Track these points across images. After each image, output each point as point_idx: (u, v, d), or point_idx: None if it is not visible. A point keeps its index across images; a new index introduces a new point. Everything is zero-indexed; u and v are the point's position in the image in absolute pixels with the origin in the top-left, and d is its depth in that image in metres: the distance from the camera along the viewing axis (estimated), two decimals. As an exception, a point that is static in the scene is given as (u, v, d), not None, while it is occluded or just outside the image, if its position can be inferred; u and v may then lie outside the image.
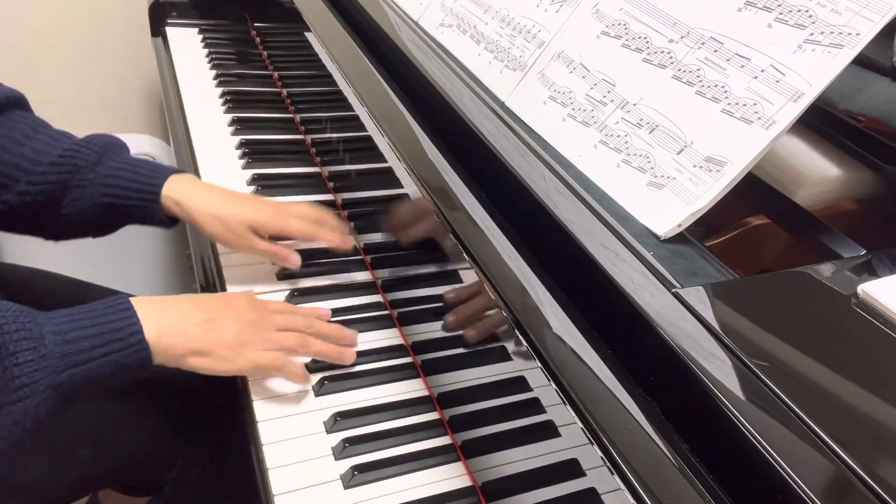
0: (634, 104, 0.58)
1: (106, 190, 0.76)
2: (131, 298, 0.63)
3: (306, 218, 0.82)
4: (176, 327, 0.64)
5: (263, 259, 0.88)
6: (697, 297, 0.47)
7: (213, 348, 0.65)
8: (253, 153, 1.08)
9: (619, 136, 0.58)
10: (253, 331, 0.68)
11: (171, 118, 1.20)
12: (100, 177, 0.76)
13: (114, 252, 1.63)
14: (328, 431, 0.69)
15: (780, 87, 0.50)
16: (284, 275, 0.86)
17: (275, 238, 0.81)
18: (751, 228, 0.63)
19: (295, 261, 0.81)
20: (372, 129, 0.91)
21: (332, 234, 0.83)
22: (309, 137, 1.13)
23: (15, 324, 0.55)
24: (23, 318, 0.56)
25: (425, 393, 0.74)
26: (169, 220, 0.80)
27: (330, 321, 0.77)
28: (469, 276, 0.71)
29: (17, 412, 0.53)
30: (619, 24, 0.62)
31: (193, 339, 0.64)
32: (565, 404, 0.48)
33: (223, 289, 0.84)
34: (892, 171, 0.70)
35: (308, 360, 0.74)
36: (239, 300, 0.71)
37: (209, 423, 0.89)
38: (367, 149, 0.94)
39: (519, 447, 0.64)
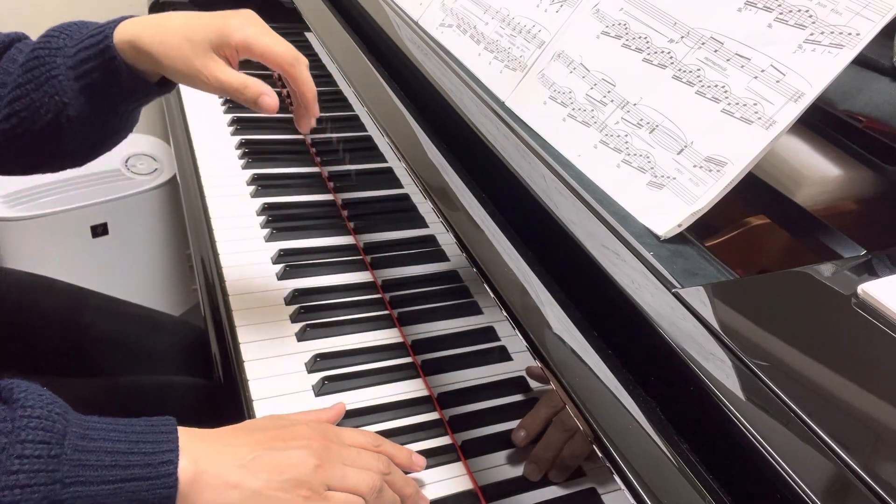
0: (634, 104, 0.58)
1: (76, 71, 0.65)
2: (180, 429, 0.51)
3: (287, 48, 0.66)
4: (218, 468, 0.51)
5: (263, 260, 0.88)
6: (697, 297, 0.47)
7: (263, 490, 0.52)
8: (253, 153, 1.08)
9: (619, 136, 0.58)
10: (315, 469, 0.54)
11: (171, 118, 1.20)
12: (68, 58, 0.65)
13: (114, 251, 1.63)
14: (328, 431, 0.69)
15: (780, 87, 0.50)
16: (284, 275, 0.86)
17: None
18: (751, 228, 0.63)
19: (270, 104, 0.64)
20: (372, 129, 0.91)
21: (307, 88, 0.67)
22: (309, 137, 1.13)
23: (41, 409, 0.46)
24: (54, 407, 0.47)
25: (425, 393, 0.74)
26: (151, 84, 0.68)
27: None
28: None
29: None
30: (619, 24, 0.62)
31: (235, 485, 0.51)
32: (565, 404, 0.48)
33: (223, 289, 0.84)
34: (892, 171, 0.70)
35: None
36: (301, 429, 0.57)
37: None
38: (367, 149, 0.94)
39: (519, 447, 0.64)
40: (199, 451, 0.51)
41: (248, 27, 0.65)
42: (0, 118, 0.66)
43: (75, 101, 0.66)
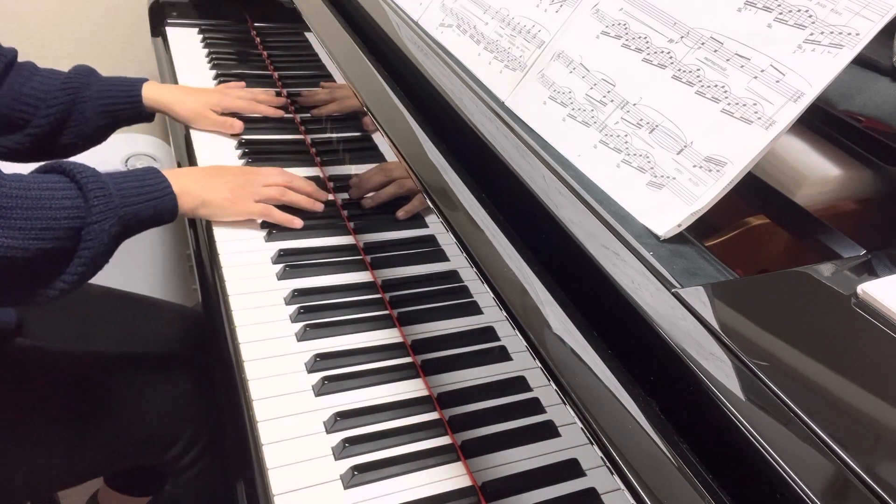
0: (634, 104, 0.58)
1: (102, 101, 1.02)
2: (164, 171, 0.87)
3: (244, 97, 1.14)
4: (188, 187, 0.87)
5: (263, 260, 0.88)
6: (697, 297, 0.47)
7: (213, 201, 0.89)
8: (253, 153, 1.08)
9: (619, 136, 0.58)
10: (242, 188, 0.92)
11: (170, 118, 1.20)
12: (94, 93, 1.01)
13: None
14: (328, 431, 0.69)
15: (780, 87, 0.50)
16: (284, 275, 0.86)
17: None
18: (751, 228, 0.63)
19: (239, 126, 1.11)
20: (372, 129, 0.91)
21: (267, 107, 1.14)
22: (309, 137, 1.13)
23: (89, 172, 0.75)
24: (93, 172, 0.76)
25: (425, 393, 0.74)
26: (150, 116, 1.10)
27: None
28: (469, 274, 0.71)
29: (98, 230, 0.74)
30: (619, 24, 0.62)
31: (200, 197, 0.88)
32: (565, 404, 0.48)
33: (223, 291, 0.84)
34: (892, 171, 0.70)
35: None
36: (231, 169, 0.95)
37: (209, 409, 0.93)
38: (367, 149, 0.95)
39: (519, 447, 0.64)
40: (180, 179, 0.87)
41: None
42: (42, 124, 0.97)
43: (93, 119, 1.02)
